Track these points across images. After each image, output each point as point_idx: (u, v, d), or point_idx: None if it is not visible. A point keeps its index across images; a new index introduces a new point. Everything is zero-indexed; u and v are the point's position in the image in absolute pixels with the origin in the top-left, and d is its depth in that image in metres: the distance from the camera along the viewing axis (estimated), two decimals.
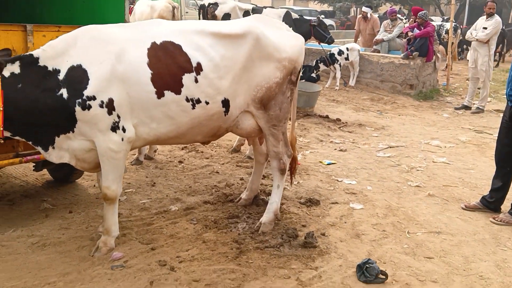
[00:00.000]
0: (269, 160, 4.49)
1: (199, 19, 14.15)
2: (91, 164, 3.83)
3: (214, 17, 12.12)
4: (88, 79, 3.53)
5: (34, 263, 3.74)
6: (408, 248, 4.16)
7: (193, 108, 3.83)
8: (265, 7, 12.78)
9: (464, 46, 19.85)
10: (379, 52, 12.79)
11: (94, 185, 5.55)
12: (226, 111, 4.02)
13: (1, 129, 3.42)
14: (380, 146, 7.47)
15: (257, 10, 11.98)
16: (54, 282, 3.45)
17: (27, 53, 3.56)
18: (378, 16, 18.13)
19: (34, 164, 5.26)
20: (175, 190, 5.36)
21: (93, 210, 4.78)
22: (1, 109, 3.36)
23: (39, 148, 3.71)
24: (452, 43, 14.00)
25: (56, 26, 4.45)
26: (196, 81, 3.80)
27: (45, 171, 5.60)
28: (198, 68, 3.81)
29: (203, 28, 3.95)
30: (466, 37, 11.12)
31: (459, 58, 19.79)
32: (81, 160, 3.79)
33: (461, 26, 21.19)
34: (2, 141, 3.61)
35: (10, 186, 5.47)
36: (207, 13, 12.53)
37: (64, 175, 5.51)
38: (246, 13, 11.95)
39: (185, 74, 3.77)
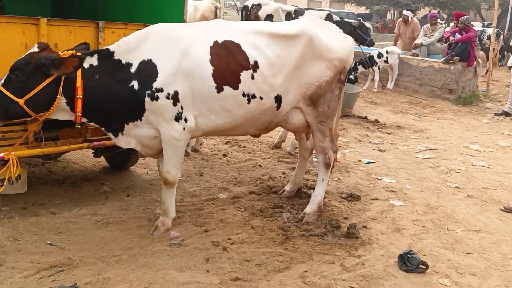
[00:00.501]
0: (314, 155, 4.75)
1: (242, 19, 14.51)
2: (154, 150, 4.18)
3: (257, 18, 12.45)
4: (157, 73, 3.88)
5: (99, 238, 4.12)
6: (448, 243, 4.34)
7: (249, 102, 4.13)
8: (307, 9, 13.02)
9: (505, 53, 19.50)
10: (418, 56, 12.82)
11: (147, 173, 5.95)
12: (278, 107, 4.30)
13: (80, 115, 3.81)
14: (419, 148, 7.60)
15: (299, 12, 12.24)
16: (119, 255, 3.81)
17: (104, 48, 3.95)
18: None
19: (94, 151, 5.69)
20: (222, 180, 5.69)
21: (148, 194, 5.16)
22: (81, 97, 3.75)
23: (109, 134, 4.09)
24: (494, 49, 13.86)
25: (124, 24, 4.85)
26: (253, 78, 4.10)
27: (101, 158, 6.03)
28: (255, 66, 4.11)
29: (261, 28, 4.25)
30: (510, 42, 11.04)
31: (500, 64, 19.46)
32: (145, 146, 4.15)
33: (503, 32, 20.82)
34: (79, 125, 4.00)
35: (70, 170, 5.93)
36: (250, 13, 12.88)
37: (120, 162, 5.92)
38: (288, 15, 12.24)
39: (243, 71, 4.08)
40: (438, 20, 14.01)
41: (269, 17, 12.40)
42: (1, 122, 3.73)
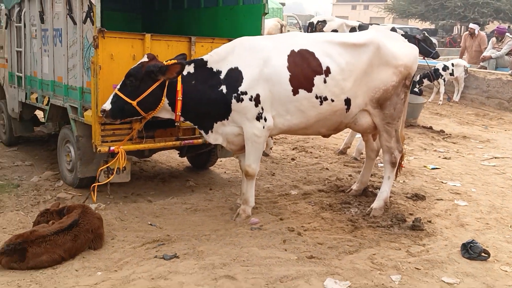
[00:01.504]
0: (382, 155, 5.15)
1: None
2: (237, 146, 4.80)
3: None
4: (243, 78, 4.51)
5: (190, 221, 4.77)
6: (511, 238, 4.55)
7: (321, 104, 4.65)
8: (371, 24, 13.35)
9: None
10: (485, 68, 12.72)
11: (225, 172, 6.60)
12: (348, 109, 4.78)
13: (179, 114, 4.51)
14: (485, 156, 7.70)
15: (363, 27, 12.59)
16: (208, 234, 4.42)
17: (199, 58, 4.65)
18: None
19: (179, 152, 6.43)
20: (292, 180, 6.20)
21: (228, 189, 5.78)
22: (180, 99, 4.45)
23: (201, 131, 4.77)
24: None
25: (211, 38, 5.58)
26: (325, 81, 4.62)
27: (184, 158, 6.76)
28: (327, 71, 4.64)
29: (332, 38, 4.78)
30: None
31: None
32: (230, 143, 4.77)
33: None
34: (177, 123, 4.70)
35: (159, 168, 6.72)
36: (315, 29, 13.42)
37: (201, 162, 6.64)
38: (352, 30, 12.60)
39: (317, 75, 4.61)
40: (507, 33, 13.80)
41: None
42: (118, 121, 4.51)
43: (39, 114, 7.36)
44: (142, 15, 8.50)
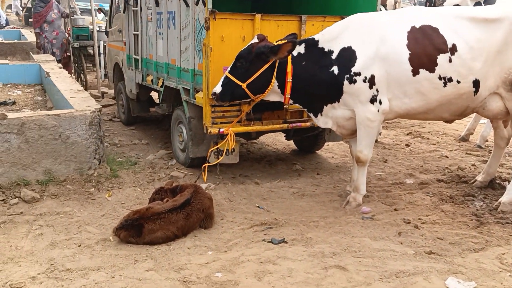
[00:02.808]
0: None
1: None
2: (348, 130, 4.55)
3: None
4: (356, 58, 4.23)
5: (298, 206, 4.66)
6: None
7: (445, 86, 4.19)
8: None
9: None
10: None
11: (332, 157, 6.37)
12: (476, 92, 4.26)
13: (288, 96, 4.38)
14: None
15: (489, 1, 11.34)
16: (317, 221, 4.27)
17: (310, 37, 4.46)
18: None
19: (285, 135, 6.33)
20: (407, 168, 5.78)
21: (336, 175, 5.57)
22: (290, 81, 4.31)
23: (310, 115, 4.60)
24: None
25: (322, 17, 5.34)
26: (450, 61, 4.15)
27: (290, 142, 6.66)
28: (453, 49, 4.16)
29: (460, 13, 4.27)
30: None
31: None
32: (340, 127, 4.53)
33: None
34: (286, 106, 4.58)
35: (265, 151, 6.70)
36: (434, 4, 12.41)
37: (308, 145, 6.48)
38: (477, 4, 11.41)
39: (440, 54, 4.16)
40: None
41: None
42: (227, 103, 4.51)
43: (154, 95, 7.75)
44: None
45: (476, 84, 4.23)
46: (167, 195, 4.32)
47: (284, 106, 4.57)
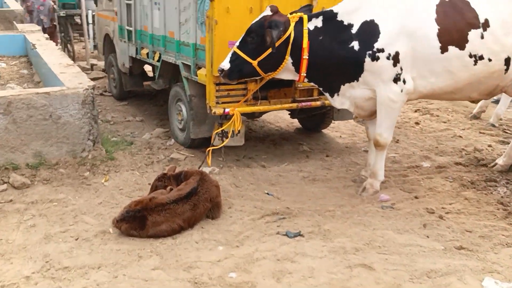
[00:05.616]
0: None
1: None
2: (367, 112, 4.19)
3: None
4: (379, 33, 3.83)
5: (310, 192, 4.34)
6: None
7: (475, 64, 3.84)
8: None
9: None
10: None
11: (340, 136, 6.04)
12: (507, 69, 3.92)
13: (304, 74, 3.99)
14: None
15: None
16: (332, 210, 3.97)
17: (329, 9, 4.03)
18: None
19: (289, 112, 5.95)
20: (421, 149, 5.48)
21: (347, 157, 5.24)
22: (306, 57, 3.91)
23: (326, 94, 4.22)
24: None
25: None
26: (482, 37, 3.79)
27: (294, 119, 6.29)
28: (485, 24, 3.79)
29: None
30: None
31: None
32: (359, 108, 4.18)
33: None
34: (300, 85, 4.19)
35: (268, 129, 6.34)
36: None
37: (314, 124, 6.12)
38: None
39: (472, 30, 3.79)
40: None
41: None
42: (235, 81, 4.11)
43: (147, 68, 7.27)
44: None
45: (508, 61, 3.88)
46: (170, 183, 3.97)
47: (297, 85, 4.18)
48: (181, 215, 3.60)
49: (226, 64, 3.99)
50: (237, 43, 3.99)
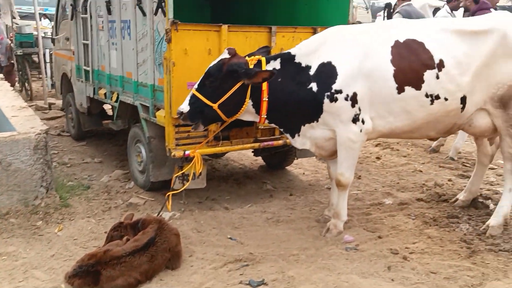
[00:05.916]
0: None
1: (384, 18, 14.00)
2: (328, 152, 4.17)
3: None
4: (337, 75, 3.85)
5: (274, 235, 4.22)
6: None
7: (432, 103, 3.90)
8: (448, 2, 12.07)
9: None
10: None
11: (303, 173, 6.00)
12: (463, 108, 4.00)
13: (264, 117, 3.94)
14: None
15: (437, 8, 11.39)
16: (297, 254, 3.85)
17: (286, 51, 4.04)
18: None
19: (253, 151, 5.89)
20: (383, 185, 5.50)
21: (311, 195, 5.19)
22: (266, 99, 3.87)
23: (287, 135, 4.18)
24: None
25: (293, 28, 4.93)
26: (437, 77, 3.87)
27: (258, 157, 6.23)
28: (440, 65, 3.87)
29: (446, 25, 3.99)
30: None
31: None
32: (320, 148, 4.15)
33: None
34: (261, 126, 4.13)
35: (231, 167, 6.24)
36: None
37: (277, 162, 6.07)
38: (436, 11, 11.47)
39: (427, 70, 3.86)
40: None
41: None
42: (201, 127, 3.99)
43: (107, 106, 7.09)
44: (210, 2, 7.96)
45: (463, 100, 3.96)
46: (127, 232, 3.76)
47: (259, 124, 4.13)
48: (138, 268, 3.40)
49: (185, 107, 3.90)
50: (196, 86, 3.92)
